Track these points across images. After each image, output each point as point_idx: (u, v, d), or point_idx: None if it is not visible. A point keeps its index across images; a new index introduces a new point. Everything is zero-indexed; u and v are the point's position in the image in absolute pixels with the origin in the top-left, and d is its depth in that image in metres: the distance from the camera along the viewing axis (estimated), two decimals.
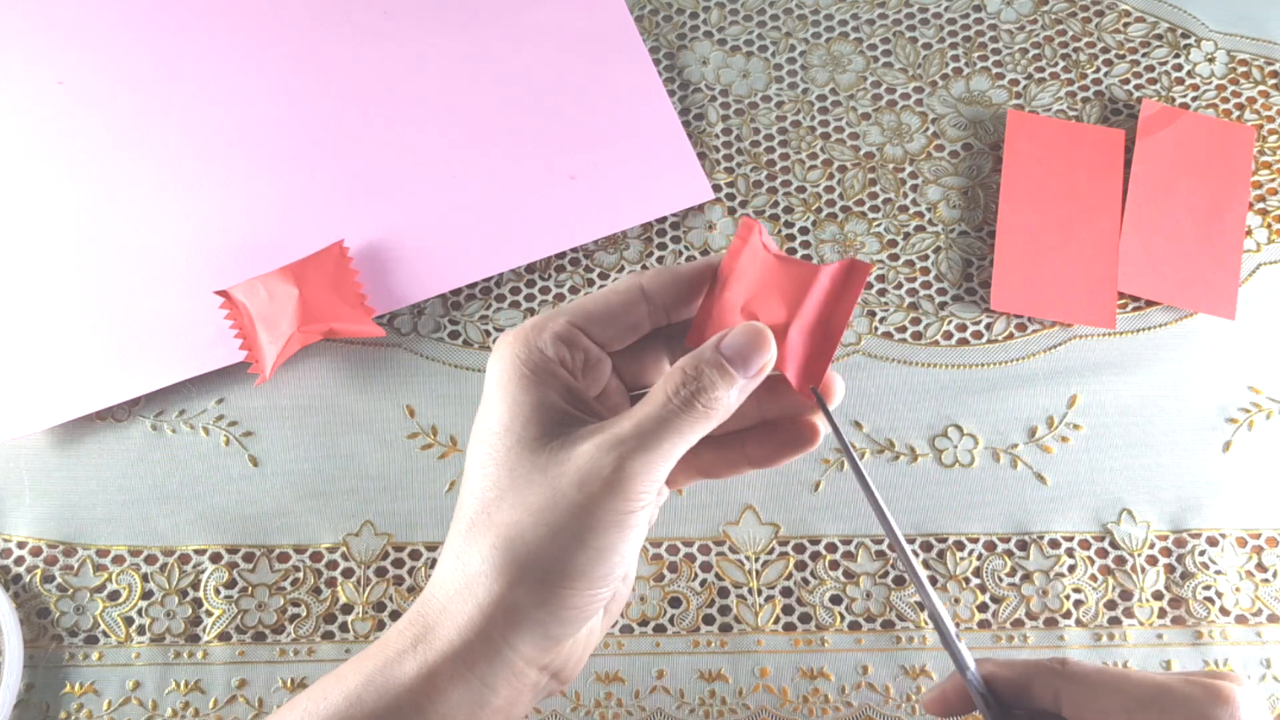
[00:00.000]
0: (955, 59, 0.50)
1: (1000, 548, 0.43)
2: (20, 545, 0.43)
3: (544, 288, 0.47)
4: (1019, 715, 0.32)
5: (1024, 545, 0.43)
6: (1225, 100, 0.49)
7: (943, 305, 0.46)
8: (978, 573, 0.43)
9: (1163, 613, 0.42)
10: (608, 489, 0.27)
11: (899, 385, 0.45)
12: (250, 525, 0.43)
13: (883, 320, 0.46)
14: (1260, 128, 0.48)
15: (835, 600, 0.42)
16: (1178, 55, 0.50)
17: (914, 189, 0.48)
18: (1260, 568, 0.43)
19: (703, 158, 0.48)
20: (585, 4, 0.50)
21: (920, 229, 0.47)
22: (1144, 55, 0.50)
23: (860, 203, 0.48)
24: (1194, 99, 0.49)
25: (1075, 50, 0.50)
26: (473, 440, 0.29)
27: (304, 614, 0.42)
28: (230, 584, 0.43)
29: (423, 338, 0.46)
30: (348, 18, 0.50)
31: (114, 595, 0.42)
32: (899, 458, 0.44)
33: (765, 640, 0.42)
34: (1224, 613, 0.42)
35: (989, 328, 0.46)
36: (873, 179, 0.48)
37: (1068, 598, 0.42)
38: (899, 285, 0.46)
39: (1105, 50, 0.50)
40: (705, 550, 0.43)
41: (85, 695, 0.41)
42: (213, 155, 0.48)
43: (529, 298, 0.47)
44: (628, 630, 0.42)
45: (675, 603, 0.42)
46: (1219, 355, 0.45)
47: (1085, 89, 0.49)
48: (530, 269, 0.47)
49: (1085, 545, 0.43)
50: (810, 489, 0.44)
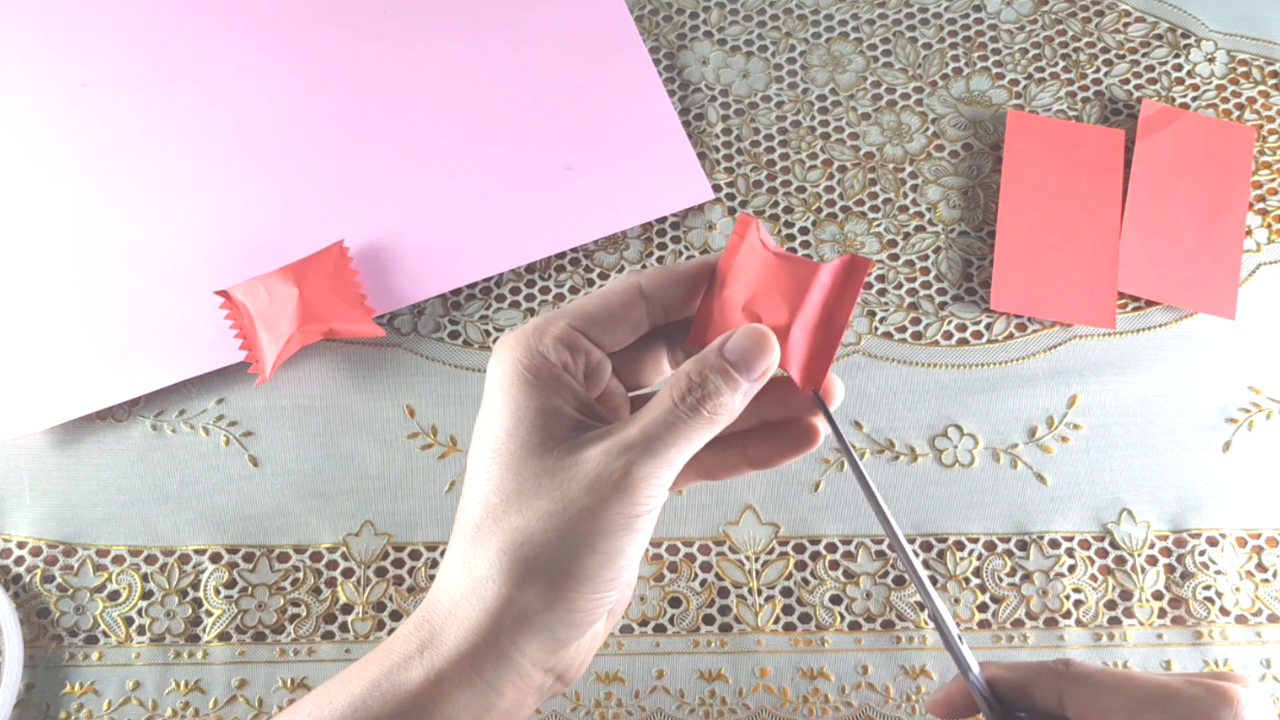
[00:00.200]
0: (955, 59, 0.50)
1: (1000, 548, 0.43)
2: (20, 545, 0.43)
3: (544, 288, 0.47)
4: (1022, 717, 0.32)
5: (1024, 545, 0.43)
6: (1225, 100, 0.49)
7: (943, 305, 0.46)
8: (978, 573, 0.43)
9: (1163, 613, 0.42)
10: (616, 494, 0.27)
11: (899, 385, 0.45)
12: (250, 525, 0.43)
13: (883, 320, 0.46)
14: (1260, 128, 0.48)
15: (835, 600, 0.42)
16: (1178, 55, 0.50)
17: (914, 189, 0.48)
18: (1260, 568, 0.43)
19: (703, 158, 0.48)
20: (585, 4, 0.50)
21: (920, 229, 0.47)
22: (1144, 55, 0.50)
23: (860, 203, 0.48)
24: (1194, 99, 0.49)
25: (1075, 50, 0.50)
26: (474, 444, 0.29)
27: (304, 614, 0.42)
28: (230, 584, 0.43)
29: (423, 338, 0.46)
30: (348, 18, 0.50)
31: (114, 595, 0.42)
32: (899, 458, 0.44)
33: (765, 640, 0.42)
34: (1224, 613, 0.42)
35: (989, 328, 0.46)
36: (873, 179, 0.48)
37: (1068, 598, 0.42)
38: (899, 285, 0.46)
39: (1105, 50, 0.50)
40: (705, 550, 0.43)
41: (85, 695, 0.41)
42: (213, 155, 0.48)
43: (529, 298, 0.47)
44: (628, 630, 0.42)
45: (675, 603, 0.42)
46: (1219, 355, 0.45)
47: (1085, 89, 0.49)
48: (530, 269, 0.47)
49: (1085, 545, 0.43)
50: (810, 489, 0.44)
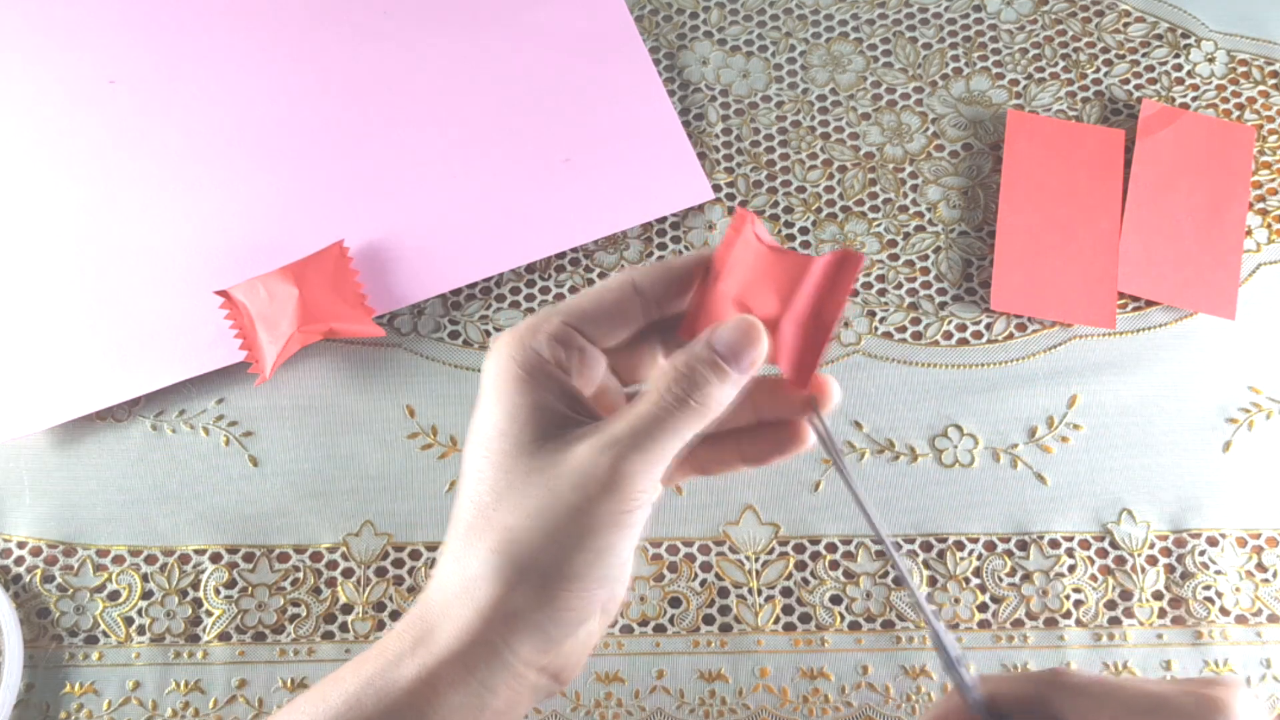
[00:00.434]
0: (955, 59, 0.50)
1: (1000, 548, 0.43)
2: (20, 545, 0.43)
3: (544, 288, 0.47)
4: None
5: (1024, 545, 0.43)
6: (1225, 100, 0.49)
7: (943, 305, 0.46)
8: (978, 573, 0.43)
9: (1163, 613, 0.42)
10: (605, 490, 0.26)
11: (899, 385, 0.45)
12: (250, 525, 0.43)
13: (883, 320, 0.46)
14: (1260, 128, 0.48)
15: (835, 600, 0.42)
16: (1178, 55, 0.50)
17: (914, 189, 0.48)
18: (1260, 568, 0.43)
19: (703, 158, 0.48)
20: (585, 4, 0.50)
21: (920, 229, 0.47)
22: (1144, 55, 0.50)
23: (860, 203, 0.48)
24: (1194, 99, 0.49)
25: (1075, 50, 0.50)
26: (469, 443, 0.29)
27: (304, 614, 0.42)
28: (230, 584, 0.43)
29: (423, 338, 0.46)
30: (348, 18, 0.50)
31: (114, 595, 0.42)
32: (899, 458, 0.44)
33: (765, 640, 0.42)
34: (1224, 613, 0.42)
35: (989, 328, 0.46)
36: (873, 179, 0.48)
37: (1068, 598, 0.42)
38: (899, 285, 0.46)
39: (1105, 50, 0.50)
40: (705, 550, 0.43)
41: (85, 695, 0.41)
42: (213, 155, 0.48)
43: (529, 298, 0.47)
44: (628, 630, 0.42)
45: (675, 603, 0.42)
46: (1219, 355, 0.45)
47: (1085, 89, 0.49)
48: (530, 269, 0.47)
49: (1085, 545, 0.43)
50: (810, 489, 0.44)
